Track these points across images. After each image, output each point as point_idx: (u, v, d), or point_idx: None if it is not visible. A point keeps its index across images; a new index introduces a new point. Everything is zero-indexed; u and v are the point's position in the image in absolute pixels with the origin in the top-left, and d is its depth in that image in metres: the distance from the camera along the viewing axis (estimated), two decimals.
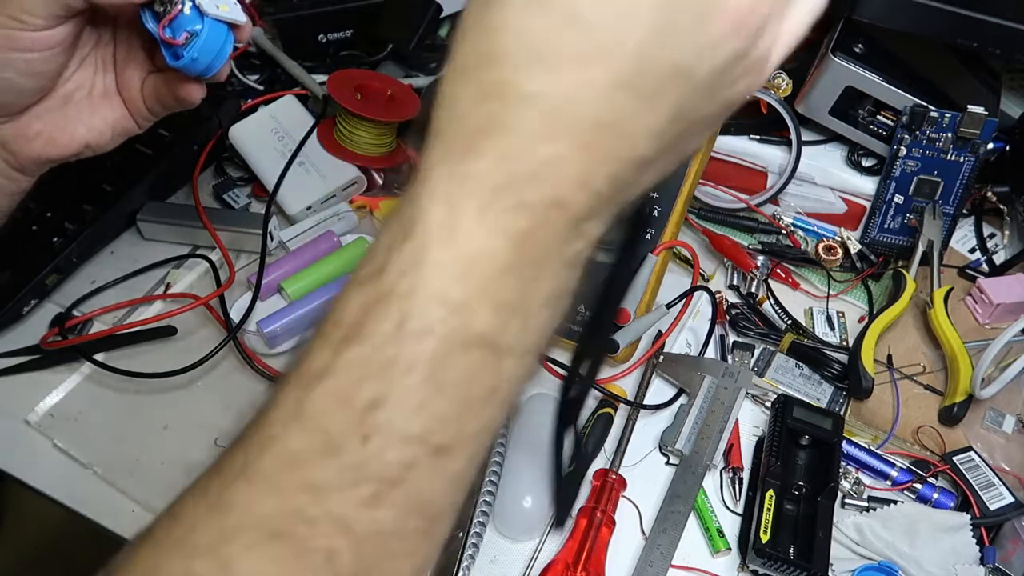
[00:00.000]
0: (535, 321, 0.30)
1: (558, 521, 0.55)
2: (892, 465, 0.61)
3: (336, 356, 0.27)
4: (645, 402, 0.64)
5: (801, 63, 0.74)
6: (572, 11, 0.25)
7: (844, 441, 0.61)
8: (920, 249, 0.70)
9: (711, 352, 0.67)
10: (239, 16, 0.49)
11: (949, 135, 0.68)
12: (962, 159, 0.69)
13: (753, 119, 0.73)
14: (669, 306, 0.64)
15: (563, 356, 0.65)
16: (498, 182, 0.26)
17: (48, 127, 0.52)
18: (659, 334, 0.67)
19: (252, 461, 0.27)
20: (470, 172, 0.26)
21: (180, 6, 0.47)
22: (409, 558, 0.29)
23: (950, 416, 0.62)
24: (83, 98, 0.53)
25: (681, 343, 0.68)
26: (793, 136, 0.72)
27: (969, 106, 0.67)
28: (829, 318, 0.71)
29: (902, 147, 0.69)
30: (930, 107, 0.67)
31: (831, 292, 0.71)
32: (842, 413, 0.65)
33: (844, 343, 0.69)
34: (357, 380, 0.27)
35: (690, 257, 0.69)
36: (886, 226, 0.73)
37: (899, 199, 0.71)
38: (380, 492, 0.27)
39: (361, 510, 0.27)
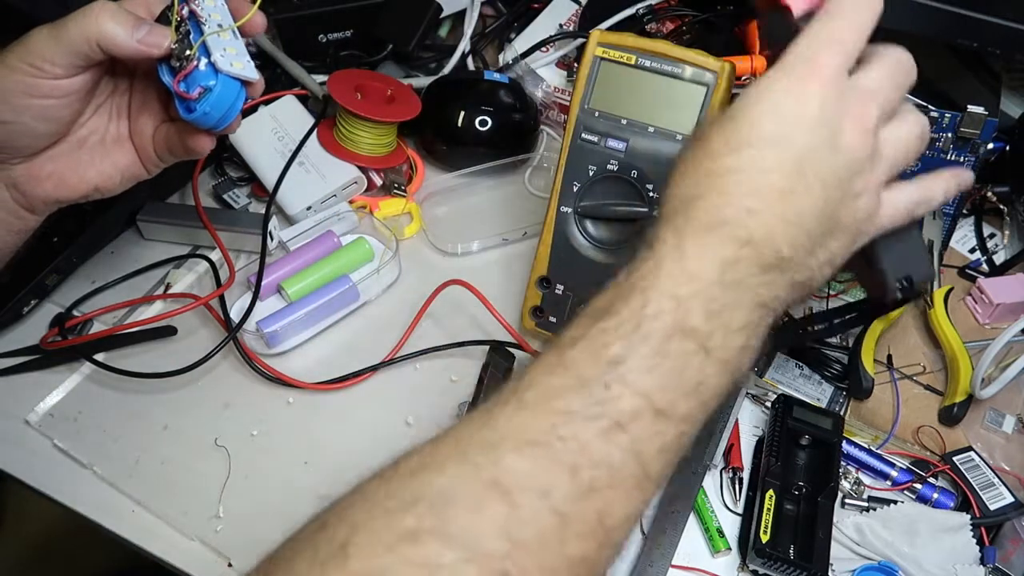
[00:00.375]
0: (733, 339, 0.39)
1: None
2: (892, 465, 0.61)
3: (590, 326, 0.38)
4: None
5: None
6: (764, 135, 0.40)
7: (844, 441, 0.61)
8: None
9: None
10: (252, 73, 0.50)
11: (949, 135, 0.68)
12: (962, 159, 0.69)
13: None
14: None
15: None
16: (711, 222, 0.39)
17: (60, 169, 0.53)
18: None
19: (520, 394, 0.37)
20: (693, 215, 0.40)
21: (196, 62, 0.49)
22: (624, 499, 0.36)
23: (950, 416, 0.62)
24: (96, 143, 0.55)
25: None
26: None
27: (969, 106, 0.67)
28: None
29: None
30: (930, 107, 0.67)
31: (831, 292, 0.71)
32: (842, 413, 0.65)
33: (844, 343, 0.69)
34: (605, 343, 0.37)
35: None
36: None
37: None
38: (612, 430, 0.36)
39: (598, 440, 0.35)
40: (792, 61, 0.41)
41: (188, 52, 0.49)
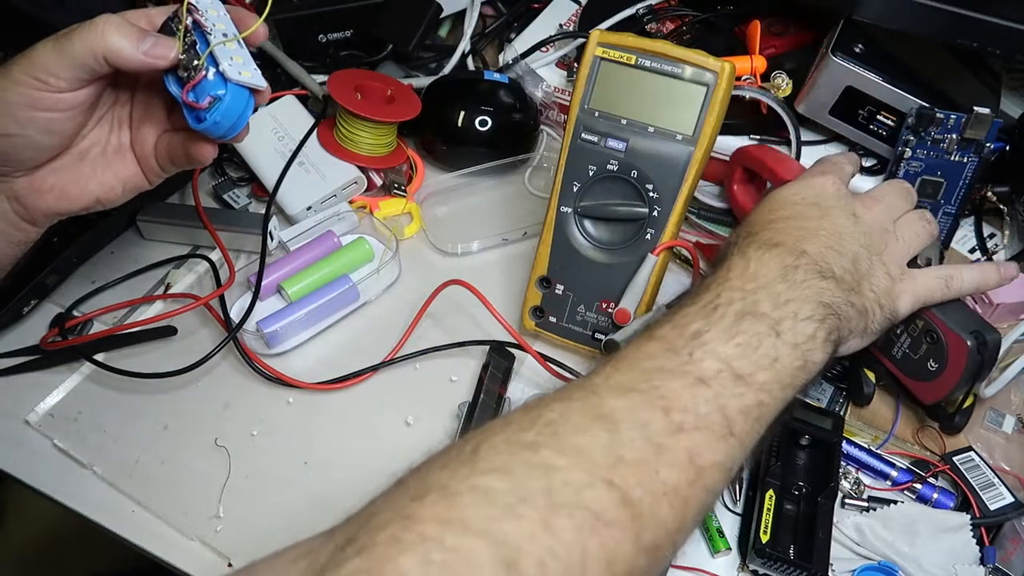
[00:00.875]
0: (802, 327, 0.45)
1: None
2: (892, 465, 0.61)
3: (674, 315, 0.46)
4: None
5: (801, 63, 0.74)
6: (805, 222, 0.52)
7: (844, 441, 0.61)
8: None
9: None
10: (260, 82, 0.50)
11: (954, 136, 0.68)
12: (966, 159, 0.69)
13: (753, 119, 0.73)
14: (669, 306, 0.64)
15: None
16: (770, 242, 0.49)
17: (62, 182, 0.53)
18: None
19: (615, 363, 0.43)
20: (755, 240, 0.50)
21: (204, 72, 0.49)
22: (711, 444, 0.41)
23: (951, 424, 0.62)
24: (97, 155, 0.55)
25: None
26: (793, 138, 0.72)
27: (975, 107, 0.67)
28: None
29: (907, 149, 0.69)
30: (936, 109, 0.67)
31: None
32: (842, 413, 0.65)
33: None
34: (687, 322, 0.45)
35: (690, 257, 0.69)
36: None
37: None
38: (697, 384, 0.41)
39: (685, 391, 0.41)
40: (810, 170, 0.59)
41: (196, 62, 0.49)
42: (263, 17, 0.52)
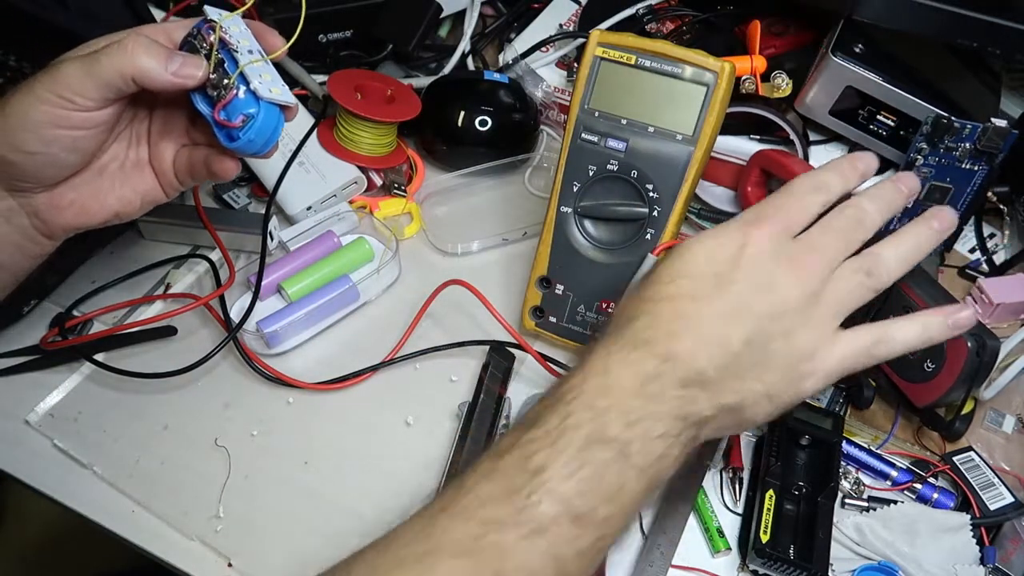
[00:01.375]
0: (652, 447, 0.42)
1: None
2: (892, 465, 0.61)
3: (521, 436, 0.43)
4: None
5: (801, 63, 0.74)
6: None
7: (844, 441, 0.61)
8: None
9: None
10: (290, 98, 0.50)
11: (967, 145, 0.68)
12: (976, 168, 0.69)
13: (753, 119, 0.73)
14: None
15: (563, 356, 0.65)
16: (638, 341, 0.45)
17: (81, 197, 0.53)
18: None
19: (459, 500, 0.42)
20: (624, 335, 0.45)
21: (235, 91, 0.49)
22: None
23: (952, 431, 0.62)
24: (116, 170, 0.54)
25: None
26: (799, 144, 0.72)
27: (993, 119, 0.67)
28: None
29: (920, 156, 0.69)
30: (953, 118, 0.67)
31: None
32: (842, 413, 0.65)
33: None
34: (531, 452, 0.42)
35: None
36: (892, 227, 0.73)
37: (908, 203, 0.71)
38: (532, 535, 0.40)
39: (519, 545, 0.40)
40: (734, 221, 0.48)
41: (227, 81, 0.49)
42: (291, 40, 0.52)
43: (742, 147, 0.75)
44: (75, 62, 0.48)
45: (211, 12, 0.51)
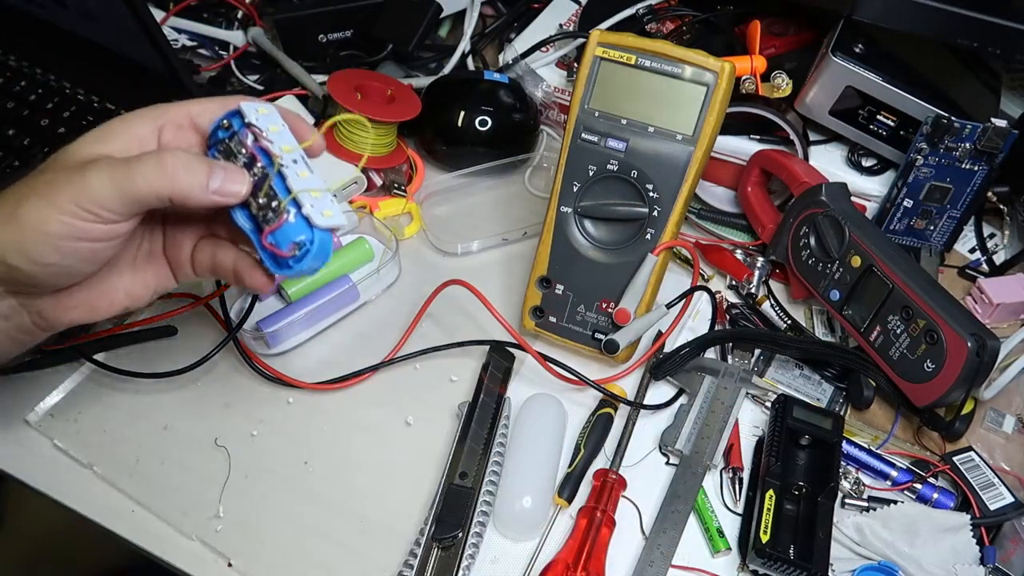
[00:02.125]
0: None
1: None
2: (892, 465, 0.61)
3: None
4: (645, 402, 0.64)
5: (801, 63, 0.74)
6: None
7: (844, 441, 0.61)
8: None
9: (711, 352, 0.67)
10: (342, 221, 0.45)
11: (967, 145, 0.68)
12: (976, 168, 0.69)
13: (753, 119, 0.73)
14: (669, 306, 0.64)
15: (569, 359, 0.65)
16: None
17: (90, 297, 0.49)
18: (659, 334, 0.67)
19: None
20: None
21: (286, 215, 0.44)
22: None
23: (951, 431, 0.62)
24: (127, 264, 0.50)
25: (681, 343, 0.68)
26: (799, 145, 0.72)
27: (993, 120, 0.67)
28: (829, 319, 0.71)
29: (920, 156, 0.69)
30: (953, 118, 0.67)
31: None
32: (842, 413, 0.65)
33: (844, 344, 0.69)
34: None
35: (690, 257, 0.69)
36: (892, 227, 0.73)
37: (908, 203, 0.71)
38: None
39: None
40: None
41: (276, 203, 0.44)
42: (322, 129, 0.48)
43: (742, 147, 0.75)
44: (104, 174, 0.43)
45: (248, 111, 0.46)
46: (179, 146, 0.47)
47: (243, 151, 0.46)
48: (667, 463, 0.62)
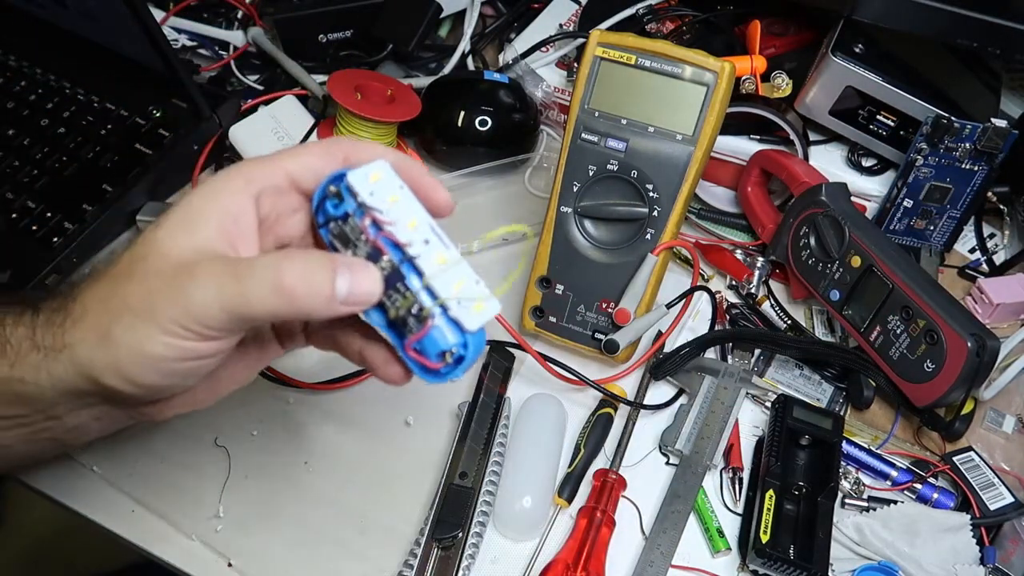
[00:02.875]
0: None
1: None
2: (892, 465, 0.61)
3: None
4: (645, 402, 0.64)
5: (801, 63, 0.74)
6: None
7: (844, 441, 0.61)
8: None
9: (711, 352, 0.67)
10: (496, 307, 0.38)
11: (967, 145, 0.68)
12: (976, 168, 0.69)
13: (753, 119, 0.73)
14: (669, 306, 0.64)
15: (569, 359, 0.65)
16: None
17: (194, 394, 0.44)
18: (659, 334, 0.67)
19: None
20: None
21: (431, 320, 0.38)
22: None
23: (951, 431, 0.62)
24: (233, 357, 0.43)
25: (681, 343, 0.68)
26: (799, 145, 0.72)
27: (993, 120, 0.67)
28: (829, 319, 0.71)
29: (920, 156, 0.69)
30: (953, 118, 0.67)
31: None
32: (842, 413, 0.65)
33: (844, 344, 0.69)
34: None
35: (690, 257, 0.69)
36: (892, 227, 0.73)
37: (908, 203, 0.71)
38: None
39: None
40: None
41: (417, 309, 0.38)
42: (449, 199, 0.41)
43: (742, 147, 0.75)
44: (211, 291, 0.37)
45: (358, 184, 0.38)
46: (282, 212, 0.42)
47: (362, 238, 0.38)
48: (667, 463, 0.62)
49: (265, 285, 0.37)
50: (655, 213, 0.61)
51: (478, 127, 0.77)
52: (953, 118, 0.67)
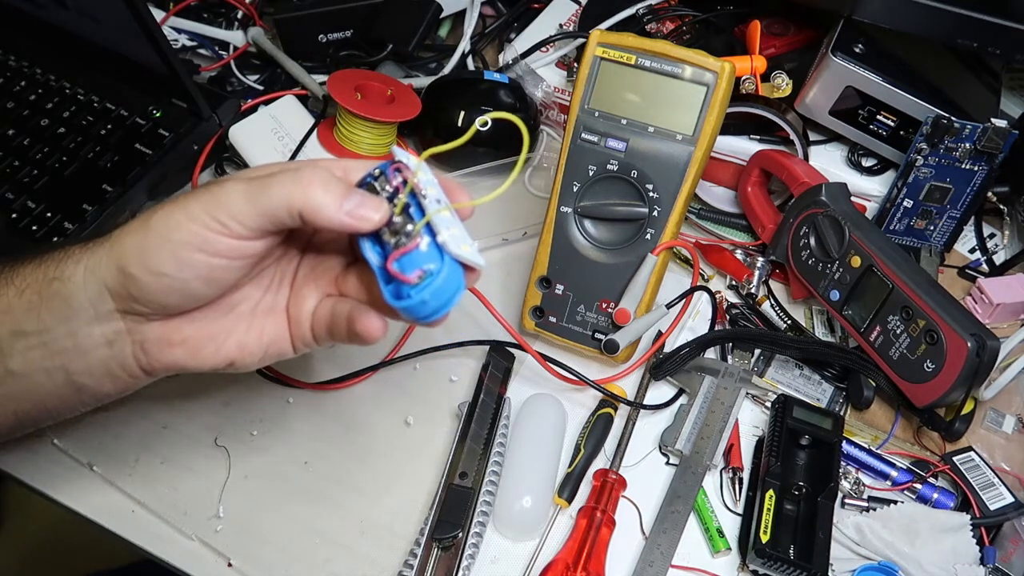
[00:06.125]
0: None
1: None
2: (892, 465, 0.61)
3: None
4: (645, 402, 0.64)
5: (801, 63, 0.74)
6: None
7: (844, 441, 0.61)
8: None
9: (711, 352, 0.67)
10: (480, 260, 0.42)
11: (967, 146, 0.68)
12: (976, 168, 0.69)
13: (753, 119, 0.73)
14: (669, 306, 0.64)
15: (569, 359, 0.65)
16: None
17: (197, 336, 0.46)
18: (659, 334, 0.67)
19: None
20: None
21: (418, 240, 0.41)
22: None
23: (951, 431, 0.62)
24: (246, 311, 0.47)
25: (681, 343, 0.68)
26: (799, 145, 0.72)
27: (993, 120, 0.67)
28: (829, 319, 0.71)
29: (919, 156, 0.69)
30: (953, 118, 0.67)
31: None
32: (842, 413, 0.65)
33: (844, 344, 0.69)
34: None
35: (690, 257, 0.69)
36: (892, 227, 0.73)
37: (908, 203, 0.71)
38: None
39: None
40: None
41: (410, 227, 0.42)
42: (476, 203, 0.45)
43: (742, 147, 0.75)
44: (240, 184, 0.42)
45: (400, 154, 0.45)
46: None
47: (388, 187, 0.43)
48: (667, 463, 0.62)
49: (287, 176, 0.42)
50: (655, 213, 0.61)
51: (478, 127, 0.76)
52: (953, 118, 0.67)
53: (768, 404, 0.64)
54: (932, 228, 0.73)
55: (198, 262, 0.42)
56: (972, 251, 0.77)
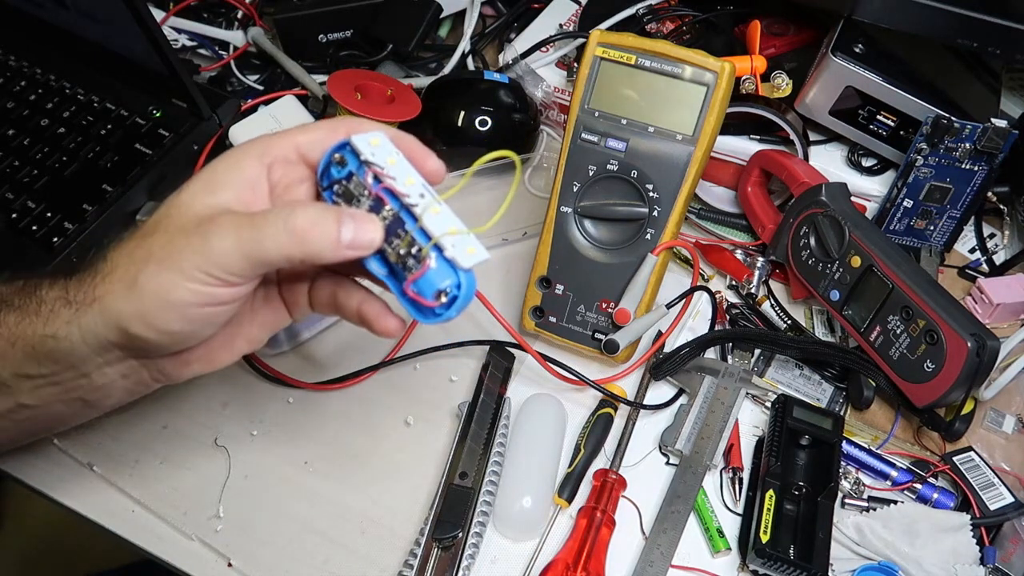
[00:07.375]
0: None
1: None
2: (892, 465, 0.61)
3: None
4: (645, 402, 0.64)
5: (801, 63, 0.74)
6: None
7: (844, 441, 0.61)
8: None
9: (711, 352, 0.67)
10: (486, 255, 0.42)
11: (967, 145, 0.68)
12: (976, 168, 0.69)
13: (753, 119, 0.73)
14: (669, 306, 0.64)
15: (569, 359, 0.65)
16: None
17: (210, 350, 0.47)
18: (659, 334, 0.67)
19: None
20: None
21: (428, 260, 0.41)
22: None
23: (951, 431, 0.62)
24: (246, 312, 0.48)
25: (681, 343, 0.68)
26: (799, 145, 0.72)
27: (993, 120, 0.67)
28: (829, 319, 0.71)
29: (919, 156, 0.69)
30: (953, 118, 0.67)
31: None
32: (842, 413, 0.65)
33: (844, 344, 0.69)
34: None
35: (690, 257, 0.69)
36: (892, 227, 0.73)
37: (908, 203, 0.71)
38: None
39: None
40: None
41: (416, 250, 0.41)
42: (470, 175, 0.45)
43: (742, 147, 0.75)
44: (229, 238, 0.41)
45: (360, 145, 0.43)
46: (291, 182, 0.45)
47: (365, 193, 0.43)
48: (667, 463, 0.62)
49: (279, 229, 0.40)
50: (655, 213, 0.61)
51: (478, 127, 0.77)
52: (953, 118, 0.67)
53: (768, 404, 0.64)
54: (932, 228, 0.73)
55: (204, 314, 0.43)
56: (972, 251, 0.77)
